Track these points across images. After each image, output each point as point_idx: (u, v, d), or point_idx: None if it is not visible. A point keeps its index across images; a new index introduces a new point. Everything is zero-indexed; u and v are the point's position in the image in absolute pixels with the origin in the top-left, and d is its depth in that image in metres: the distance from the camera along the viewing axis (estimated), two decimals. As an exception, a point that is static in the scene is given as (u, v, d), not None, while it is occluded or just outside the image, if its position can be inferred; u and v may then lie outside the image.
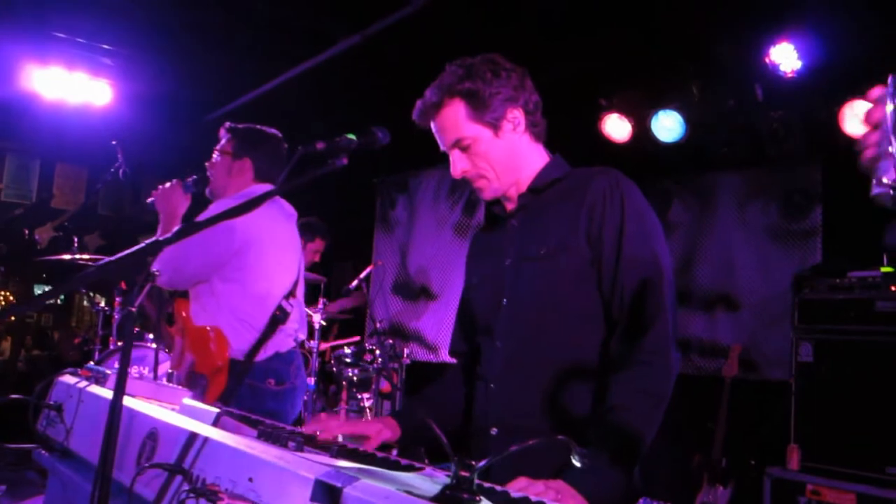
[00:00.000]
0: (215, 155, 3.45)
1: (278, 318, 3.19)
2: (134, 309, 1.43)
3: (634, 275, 1.90)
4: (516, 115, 2.07)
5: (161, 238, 1.52)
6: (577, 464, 1.10)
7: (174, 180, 3.37)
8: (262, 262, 3.23)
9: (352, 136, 1.92)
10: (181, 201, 3.34)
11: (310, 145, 1.88)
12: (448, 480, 1.03)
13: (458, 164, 2.08)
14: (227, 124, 3.51)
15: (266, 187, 3.39)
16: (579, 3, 4.87)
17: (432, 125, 2.11)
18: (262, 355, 3.18)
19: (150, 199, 3.40)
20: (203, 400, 2.24)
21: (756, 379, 5.41)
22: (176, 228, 1.57)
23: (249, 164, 3.38)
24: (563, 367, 1.95)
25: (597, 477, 1.67)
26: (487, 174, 2.09)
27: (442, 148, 2.12)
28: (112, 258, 1.47)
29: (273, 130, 3.49)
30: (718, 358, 5.57)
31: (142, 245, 1.48)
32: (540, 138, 2.16)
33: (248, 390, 3.11)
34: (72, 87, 6.78)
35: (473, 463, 1.02)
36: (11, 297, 8.87)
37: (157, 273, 1.48)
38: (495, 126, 2.05)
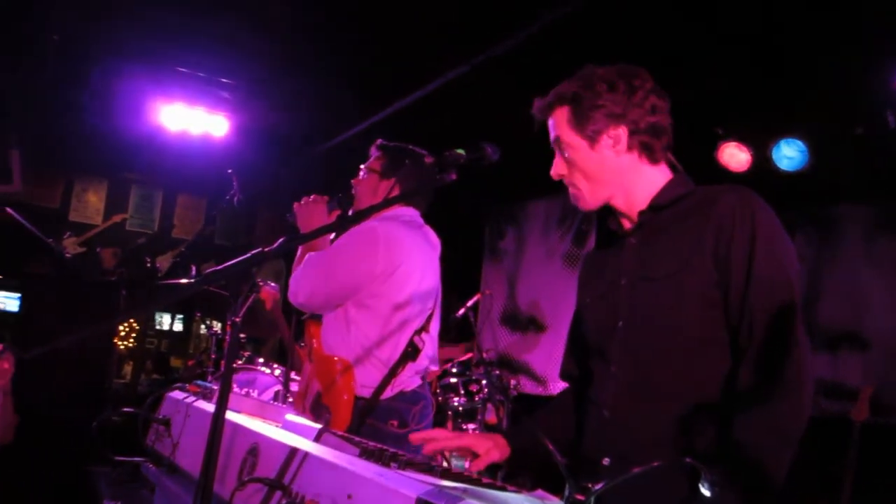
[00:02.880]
0: (362, 172, 3.30)
1: (408, 354, 3.03)
2: (238, 319, 1.41)
3: (766, 300, 1.75)
4: (618, 134, 1.97)
5: (266, 249, 1.49)
6: (707, 492, 0.98)
7: (315, 195, 3.23)
8: (400, 291, 3.06)
9: (461, 151, 1.87)
10: (323, 219, 3.19)
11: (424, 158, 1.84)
12: None
13: (556, 166, 2.05)
14: (379, 141, 3.35)
15: (406, 211, 3.26)
16: (695, 28, 4.74)
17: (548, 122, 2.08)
18: (387, 394, 3.01)
19: (288, 215, 3.27)
20: None
21: (889, 423, 5.05)
22: (281, 239, 1.54)
23: (395, 185, 3.20)
24: (684, 396, 1.81)
25: None
26: (580, 184, 2.03)
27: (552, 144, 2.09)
28: (216, 268, 1.45)
29: (422, 150, 3.30)
30: (843, 400, 5.24)
31: (246, 255, 1.46)
32: (659, 160, 2.03)
33: (369, 430, 2.91)
34: (193, 120, 7.04)
35: (590, 485, 0.92)
36: (134, 323, 9.22)
37: (261, 284, 1.46)
38: (592, 139, 1.97)
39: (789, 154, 5.30)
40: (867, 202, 5.54)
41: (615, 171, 2.00)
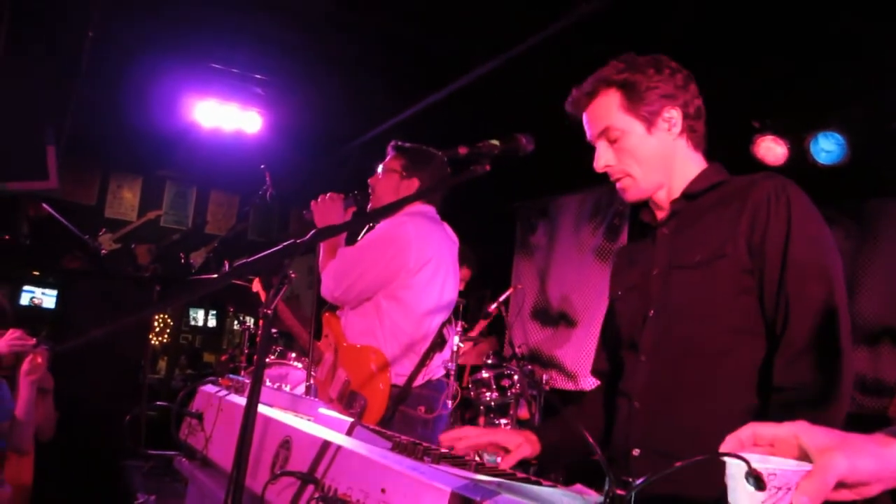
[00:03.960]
0: (380, 172, 3.40)
1: (437, 344, 3.14)
2: (269, 311, 1.40)
3: (802, 288, 1.70)
4: (673, 116, 1.93)
5: (298, 241, 1.48)
6: (751, 487, 0.95)
7: (332, 193, 3.33)
8: (430, 283, 3.20)
9: (495, 142, 1.85)
10: (340, 216, 3.30)
11: (452, 150, 1.82)
12: (599, 499, 0.92)
13: (603, 157, 1.98)
14: (395, 142, 3.47)
15: (428, 208, 3.38)
16: (730, 19, 4.66)
17: (584, 116, 2.01)
18: (417, 381, 3.14)
19: (305, 212, 3.37)
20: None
21: (928, 420, 4.95)
22: (312, 232, 1.54)
23: (417, 185, 3.31)
24: (716, 386, 1.77)
25: None
26: (633, 172, 1.96)
27: (588, 138, 2.02)
28: (247, 259, 1.45)
29: (439, 151, 3.42)
30: (883, 396, 5.15)
31: (277, 247, 1.45)
32: (699, 146, 2.01)
33: (400, 417, 3.06)
34: (226, 117, 7.07)
35: (631, 480, 0.90)
36: (169, 319, 9.31)
37: (294, 276, 1.45)
38: (649, 121, 1.93)
39: (827, 148, 5.20)
40: (907, 196, 5.44)
41: (669, 155, 1.96)
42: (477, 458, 1.83)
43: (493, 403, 5.56)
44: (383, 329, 3.16)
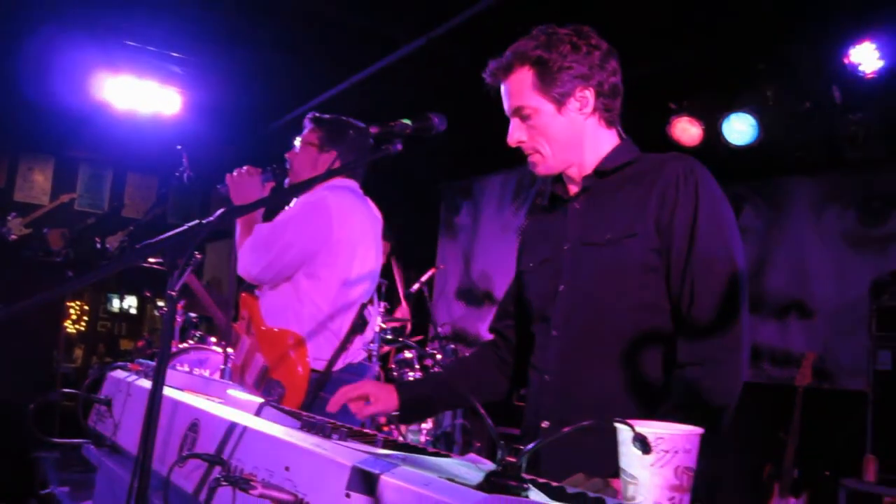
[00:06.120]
0: (297, 145, 3.27)
1: (358, 326, 3.01)
2: (174, 293, 1.38)
3: (707, 267, 1.77)
4: (585, 95, 1.94)
5: (204, 221, 1.46)
6: (638, 451, 1.00)
7: (248, 167, 3.18)
8: (351, 262, 3.08)
9: (407, 121, 1.85)
10: (257, 191, 3.15)
11: (363, 130, 1.81)
12: (492, 466, 0.94)
13: (515, 133, 1.99)
14: (313, 114, 3.33)
15: (350, 182, 3.26)
16: (647, 3, 4.74)
17: (502, 87, 2.01)
18: (337, 366, 3.01)
19: (220, 186, 3.22)
20: None
21: (830, 388, 5.20)
22: (219, 211, 1.51)
23: (336, 158, 3.16)
24: (624, 361, 1.83)
25: None
26: (542, 150, 1.98)
27: (506, 112, 2.03)
28: (151, 241, 1.42)
29: (359, 123, 3.26)
30: (791, 366, 5.36)
31: (183, 228, 1.43)
32: (613, 123, 2.03)
33: (320, 403, 2.90)
34: (142, 96, 6.87)
35: (521, 447, 0.92)
36: (85, 305, 9.06)
37: (199, 256, 1.43)
38: (559, 102, 1.93)
39: (740, 128, 5.35)
40: (814, 175, 5.64)
41: (579, 134, 1.98)
42: (400, 438, 1.84)
43: (416, 383, 5.57)
44: (303, 310, 3.04)
